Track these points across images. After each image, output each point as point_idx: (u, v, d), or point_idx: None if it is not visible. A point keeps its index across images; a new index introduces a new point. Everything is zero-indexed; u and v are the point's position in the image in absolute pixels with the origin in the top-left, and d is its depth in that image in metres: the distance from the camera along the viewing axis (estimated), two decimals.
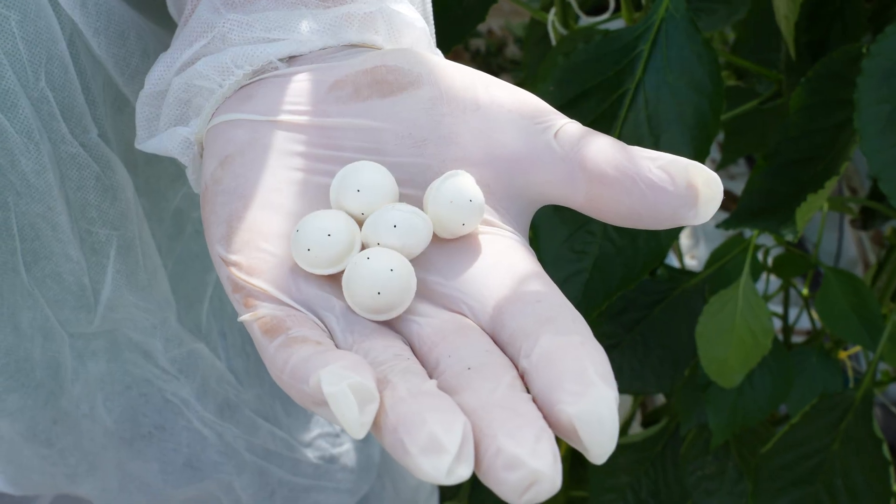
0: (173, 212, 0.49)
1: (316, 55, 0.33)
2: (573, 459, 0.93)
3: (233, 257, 0.30)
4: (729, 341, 0.68)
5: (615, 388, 0.25)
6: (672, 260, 1.22)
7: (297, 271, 0.30)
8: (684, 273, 0.78)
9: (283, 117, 0.32)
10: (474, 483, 0.95)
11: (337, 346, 0.28)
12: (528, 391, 0.26)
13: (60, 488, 0.52)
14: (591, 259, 0.55)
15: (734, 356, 0.69)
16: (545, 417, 0.25)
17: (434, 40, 0.37)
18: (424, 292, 0.30)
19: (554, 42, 0.79)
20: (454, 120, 0.31)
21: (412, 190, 0.31)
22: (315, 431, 0.60)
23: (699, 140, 0.52)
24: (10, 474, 0.50)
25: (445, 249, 0.30)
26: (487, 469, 0.24)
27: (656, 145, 0.53)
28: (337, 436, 0.62)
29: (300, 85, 0.32)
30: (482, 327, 0.29)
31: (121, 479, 0.52)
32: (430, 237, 0.30)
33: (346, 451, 0.62)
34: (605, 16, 0.81)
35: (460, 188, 0.30)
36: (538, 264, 0.30)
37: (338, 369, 0.25)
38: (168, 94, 0.34)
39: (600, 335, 0.80)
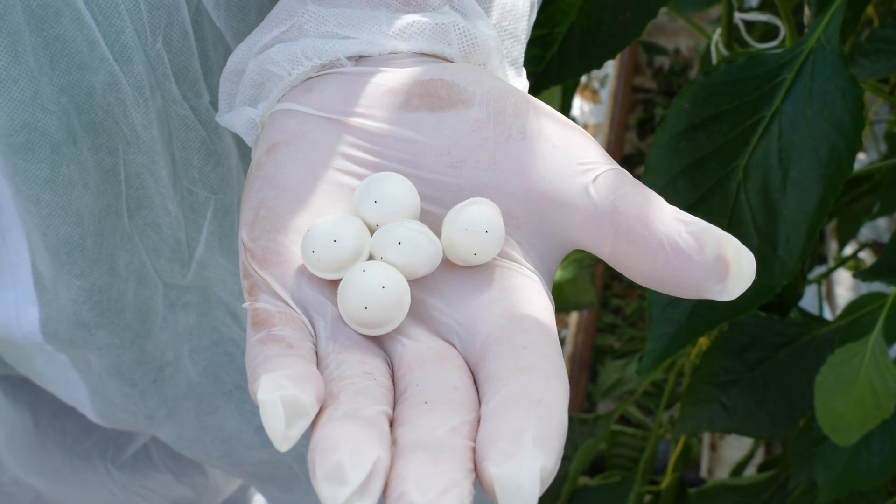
0: None
1: (385, 58, 0.33)
2: (676, 492, 0.90)
3: (250, 244, 0.30)
4: (849, 397, 0.64)
5: (551, 457, 0.24)
6: (812, 303, 1.17)
7: (303, 270, 0.30)
8: (817, 320, 0.75)
9: (335, 115, 0.32)
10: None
11: (318, 352, 0.28)
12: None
13: (141, 427, 0.54)
14: None
15: (852, 413, 0.65)
16: (476, 469, 0.24)
17: (521, 59, 0.36)
18: (422, 315, 0.29)
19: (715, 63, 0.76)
20: (496, 146, 0.30)
21: (439, 209, 0.30)
22: None
23: (830, 179, 0.49)
24: (99, 406, 0.52)
25: (454, 276, 0.30)
26: None
27: (784, 179, 0.50)
28: None
29: (358, 86, 0.32)
30: (467, 361, 0.28)
31: (198, 429, 0.53)
32: (438, 260, 0.29)
33: None
34: (774, 43, 0.78)
35: (478, 217, 0.29)
36: (548, 309, 0.29)
37: (278, 378, 0.25)
38: (245, 75, 0.34)
39: (719, 369, 0.77)
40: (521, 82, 0.37)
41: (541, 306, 0.29)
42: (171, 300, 0.48)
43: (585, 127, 1.61)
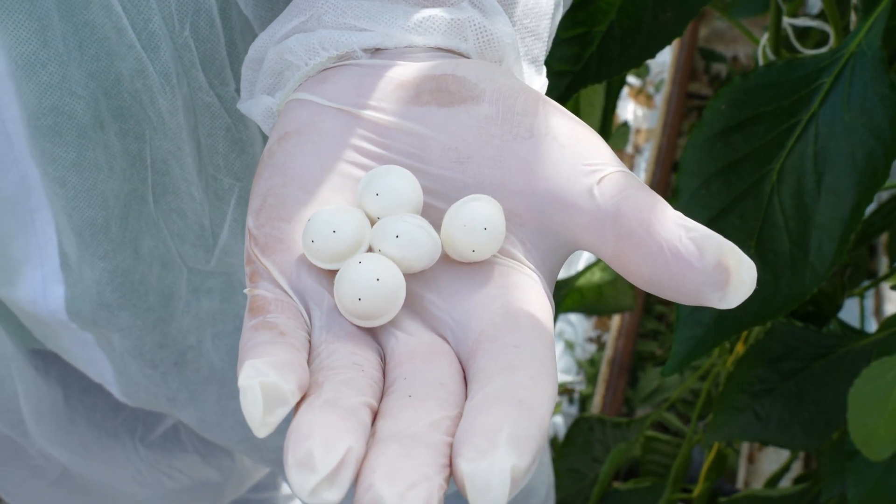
0: None
1: (401, 52, 0.33)
2: (708, 501, 0.89)
3: (255, 231, 0.31)
4: (882, 411, 0.63)
5: (525, 457, 0.24)
6: (854, 315, 1.14)
7: (303, 259, 0.30)
8: (855, 332, 0.73)
9: (346, 107, 0.32)
10: None
11: (311, 341, 0.28)
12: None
13: (163, 408, 0.55)
14: None
15: (886, 428, 0.63)
16: (451, 465, 0.24)
17: (542, 57, 0.36)
18: (417, 309, 0.29)
19: None
20: (503, 143, 0.30)
21: (444, 205, 0.30)
22: None
23: (865, 186, 0.48)
24: (123, 385, 0.53)
25: (453, 272, 0.30)
26: (357, 501, 0.23)
27: (818, 184, 0.49)
28: None
29: (371, 78, 0.32)
30: (460, 358, 0.28)
31: (219, 414, 0.53)
32: (436, 255, 0.29)
33: None
34: (823, 50, 0.77)
35: (477, 214, 0.29)
36: (545, 309, 0.29)
37: (260, 364, 0.25)
38: (264, 63, 0.35)
39: (754, 378, 0.76)
40: (541, 80, 0.37)
41: (538, 306, 0.29)
42: (195, 285, 0.49)
43: (638, 132, 1.60)
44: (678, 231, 0.27)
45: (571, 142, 0.30)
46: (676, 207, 0.54)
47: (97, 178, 0.42)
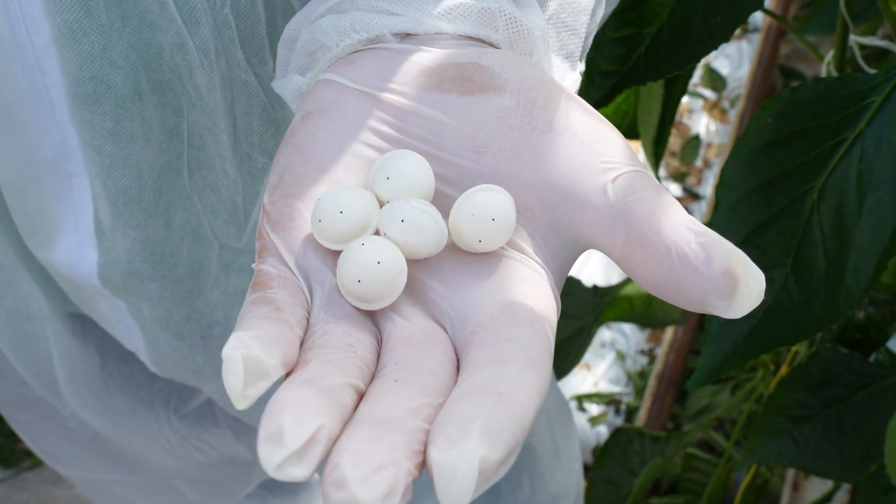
0: None
1: (430, 38, 0.33)
2: None
3: (269, 207, 0.31)
4: None
5: (498, 449, 0.23)
6: None
7: (310, 238, 0.30)
8: None
9: (369, 89, 0.32)
10: None
11: (309, 319, 0.29)
12: None
13: (189, 380, 0.55)
14: (764, 306, 0.51)
15: None
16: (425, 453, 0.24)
17: (577, 52, 0.36)
18: (419, 295, 0.29)
19: None
20: (521, 135, 0.30)
21: (457, 193, 0.30)
22: None
23: None
24: (153, 355, 0.54)
25: (459, 261, 0.30)
26: (323, 480, 0.23)
27: (860, 205, 0.48)
28: None
29: (396, 63, 0.32)
30: (455, 347, 0.28)
31: None
32: (442, 242, 0.29)
33: None
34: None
35: (486, 204, 0.29)
36: (548, 306, 0.28)
37: (246, 336, 0.25)
38: (297, 43, 0.35)
39: (794, 402, 0.74)
40: (573, 76, 0.36)
41: (541, 302, 0.28)
42: (226, 261, 0.49)
43: (709, 146, 1.58)
44: (687, 235, 0.27)
45: (591, 138, 0.29)
46: (715, 220, 0.53)
47: (133, 149, 0.43)
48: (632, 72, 0.54)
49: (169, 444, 0.68)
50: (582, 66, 0.46)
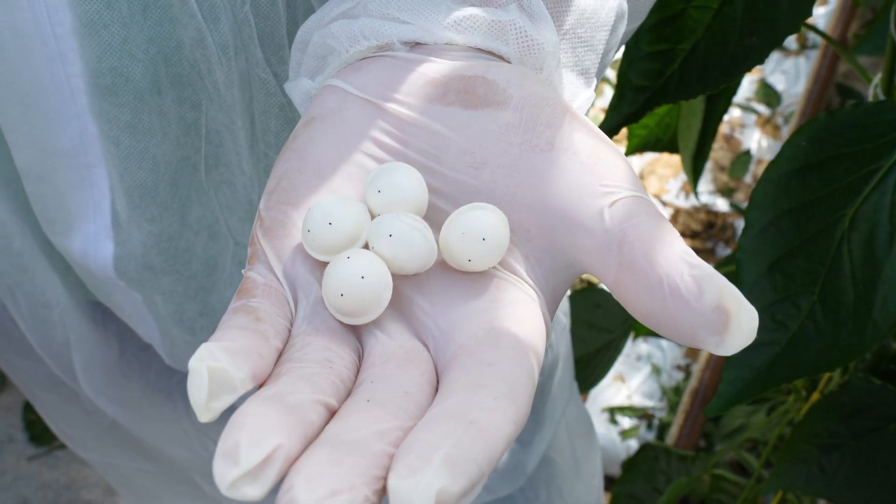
0: None
1: (439, 48, 0.32)
2: None
3: (263, 213, 0.30)
4: None
5: (459, 480, 0.22)
6: None
7: (300, 248, 0.29)
8: None
9: (372, 98, 0.31)
10: None
11: (291, 330, 0.28)
12: None
13: None
14: (789, 334, 0.50)
15: None
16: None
17: (594, 69, 0.35)
18: (405, 312, 0.29)
19: None
20: (521, 153, 0.29)
21: (452, 208, 0.30)
22: None
23: None
24: (167, 348, 0.54)
25: (449, 279, 0.29)
26: (276, 500, 0.23)
27: (892, 236, 0.47)
28: None
29: (402, 72, 0.31)
30: (437, 367, 0.27)
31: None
32: (431, 259, 0.28)
33: None
34: None
35: (477, 223, 0.28)
36: (536, 330, 0.27)
37: (214, 347, 0.25)
38: (309, 46, 0.35)
39: (824, 430, 0.72)
40: (587, 93, 0.35)
41: (528, 326, 0.28)
42: (241, 259, 0.49)
43: (760, 162, 1.55)
44: (681, 266, 0.26)
45: (592, 160, 0.29)
46: (743, 242, 0.52)
47: (150, 142, 0.43)
48: (664, 88, 0.53)
49: (185, 436, 0.68)
50: (596, 83, 0.45)
